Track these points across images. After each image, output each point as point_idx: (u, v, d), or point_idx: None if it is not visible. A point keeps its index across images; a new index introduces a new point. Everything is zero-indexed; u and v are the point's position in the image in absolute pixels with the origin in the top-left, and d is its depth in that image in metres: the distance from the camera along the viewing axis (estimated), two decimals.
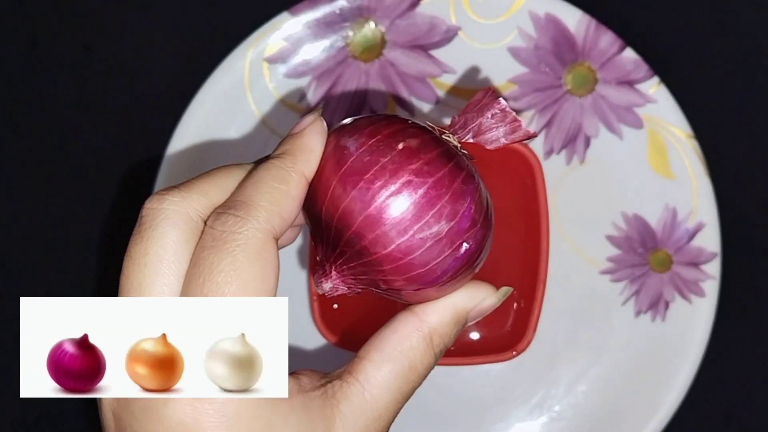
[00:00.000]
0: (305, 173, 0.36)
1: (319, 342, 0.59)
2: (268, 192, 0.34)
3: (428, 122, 0.37)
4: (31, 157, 0.61)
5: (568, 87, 0.60)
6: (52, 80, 0.62)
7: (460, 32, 0.59)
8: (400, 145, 0.35)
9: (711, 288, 0.59)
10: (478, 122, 0.37)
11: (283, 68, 0.59)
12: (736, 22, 0.62)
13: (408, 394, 0.37)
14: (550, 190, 0.58)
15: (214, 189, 0.35)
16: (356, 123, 0.36)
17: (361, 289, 0.37)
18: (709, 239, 0.59)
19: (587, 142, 0.60)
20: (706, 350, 0.59)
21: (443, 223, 0.34)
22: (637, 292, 0.60)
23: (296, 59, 0.59)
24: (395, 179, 0.34)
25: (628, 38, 0.59)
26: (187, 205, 0.35)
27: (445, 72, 0.60)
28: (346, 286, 0.36)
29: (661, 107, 0.59)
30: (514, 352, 0.55)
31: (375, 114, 0.37)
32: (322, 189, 0.35)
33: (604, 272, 0.60)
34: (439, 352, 0.37)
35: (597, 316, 0.60)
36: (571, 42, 0.59)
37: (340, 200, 0.35)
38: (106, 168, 0.61)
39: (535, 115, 0.60)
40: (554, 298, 0.59)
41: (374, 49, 0.59)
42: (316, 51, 0.59)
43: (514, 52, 0.59)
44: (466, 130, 0.37)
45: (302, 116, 0.39)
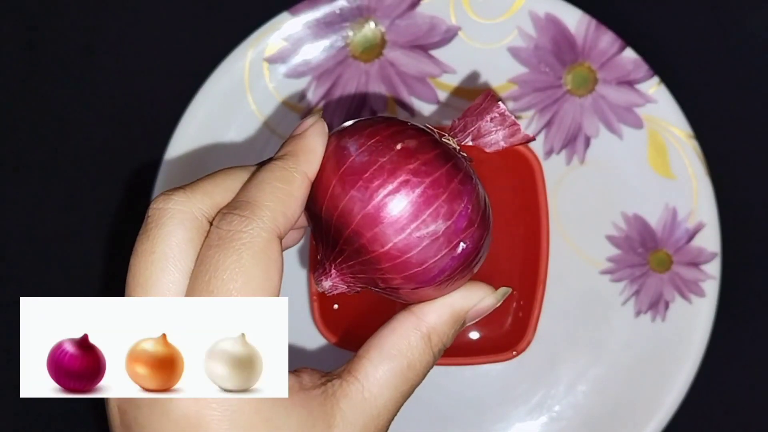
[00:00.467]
0: (308, 173, 0.36)
1: (319, 342, 0.59)
2: (271, 192, 0.35)
3: (428, 125, 0.37)
4: (32, 157, 0.61)
5: (568, 87, 0.60)
6: (52, 80, 0.62)
7: (460, 32, 0.59)
8: (399, 146, 0.35)
9: (711, 288, 0.59)
10: (477, 125, 0.38)
11: (283, 68, 0.59)
12: (736, 22, 0.62)
13: (407, 393, 0.37)
14: (550, 190, 0.58)
15: (218, 190, 0.36)
16: (356, 125, 0.37)
17: (360, 288, 0.37)
18: (709, 239, 0.59)
19: (587, 142, 0.60)
20: (706, 350, 0.59)
21: (440, 223, 0.35)
22: (637, 292, 0.60)
23: (296, 59, 0.59)
24: (393, 179, 0.35)
25: (628, 38, 0.59)
26: (192, 205, 0.35)
27: (445, 72, 0.60)
28: (346, 285, 0.37)
29: (661, 107, 0.59)
30: (514, 352, 0.55)
31: (375, 116, 0.38)
32: (323, 188, 0.36)
33: (604, 272, 0.60)
34: (438, 352, 0.38)
35: (597, 316, 0.60)
36: (571, 42, 0.59)
37: (340, 199, 0.35)
38: (106, 168, 0.61)
39: (535, 115, 0.60)
40: (554, 298, 0.59)
41: (374, 49, 0.59)
42: (316, 51, 0.59)
43: (514, 52, 0.59)
44: (466, 133, 0.38)
45: (303, 117, 0.40)
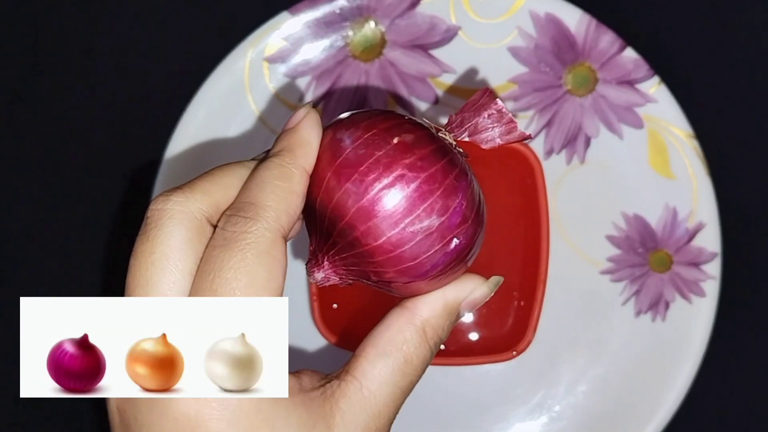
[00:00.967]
0: (306, 167, 0.36)
1: (319, 342, 0.59)
2: (273, 191, 0.35)
3: (425, 119, 0.37)
4: (32, 157, 0.61)
5: (569, 87, 0.59)
6: (52, 80, 0.62)
7: (460, 32, 0.59)
8: (395, 140, 0.35)
9: (711, 288, 0.59)
10: (474, 121, 0.38)
11: (283, 68, 0.59)
12: (736, 22, 0.62)
13: (407, 389, 0.37)
14: (550, 190, 0.58)
15: (216, 188, 0.36)
16: (353, 117, 0.37)
17: (352, 280, 0.37)
18: (709, 239, 0.59)
19: (587, 142, 0.60)
20: (706, 350, 0.59)
21: (434, 218, 0.35)
22: (638, 292, 0.60)
23: (296, 59, 0.59)
24: (389, 173, 0.35)
25: (628, 38, 0.59)
26: (191, 205, 0.35)
27: (445, 72, 0.60)
28: (338, 277, 0.37)
29: (661, 107, 0.59)
30: (514, 352, 0.55)
31: (372, 109, 0.37)
32: (318, 180, 0.36)
33: (604, 272, 0.60)
34: (434, 345, 0.38)
35: (597, 317, 0.60)
36: (571, 42, 0.59)
37: (335, 192, 0.35)
38: (106, 168, 0.61)
39: (535, 115, 0.60)
40: (554, 298, 0.58)
41: (374, 49, 0.59)
42: (316, 51, 0.59)
43: (514, 52, 0.59)
44: (462, 129, 0.38)
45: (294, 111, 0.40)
